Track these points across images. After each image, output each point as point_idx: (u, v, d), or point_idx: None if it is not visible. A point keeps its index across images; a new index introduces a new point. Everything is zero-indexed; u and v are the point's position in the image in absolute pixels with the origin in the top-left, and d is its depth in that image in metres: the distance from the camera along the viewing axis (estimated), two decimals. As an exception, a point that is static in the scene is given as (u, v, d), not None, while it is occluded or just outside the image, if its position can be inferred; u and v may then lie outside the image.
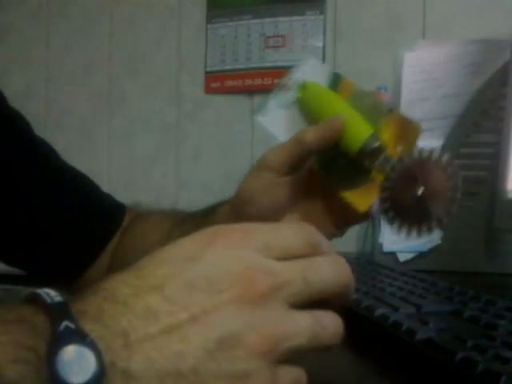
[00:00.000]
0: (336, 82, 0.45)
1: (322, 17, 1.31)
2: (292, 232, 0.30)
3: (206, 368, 0.25)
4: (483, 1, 1.17)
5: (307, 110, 0.47)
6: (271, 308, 0.27)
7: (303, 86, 0.47)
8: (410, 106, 0.95)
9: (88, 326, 0.24)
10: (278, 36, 1.35)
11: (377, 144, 0.42)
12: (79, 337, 0.23)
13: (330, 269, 0.29)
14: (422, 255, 0.88)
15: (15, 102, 0.66)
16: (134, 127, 1.46)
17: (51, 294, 0.25)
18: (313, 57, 0.46)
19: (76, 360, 0.22)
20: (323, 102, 0.46)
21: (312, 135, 0.45)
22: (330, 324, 0.28)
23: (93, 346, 0.23)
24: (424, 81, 0.94)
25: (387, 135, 0.43)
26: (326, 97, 0.46)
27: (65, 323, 0.23)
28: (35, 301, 0.25)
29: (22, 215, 0.62)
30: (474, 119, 0.90)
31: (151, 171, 1.44)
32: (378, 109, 0.44)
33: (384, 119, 0.43)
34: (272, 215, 0.47)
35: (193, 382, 0.25)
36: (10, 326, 0.23)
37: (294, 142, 0.46)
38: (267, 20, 1.35)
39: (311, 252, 0.29)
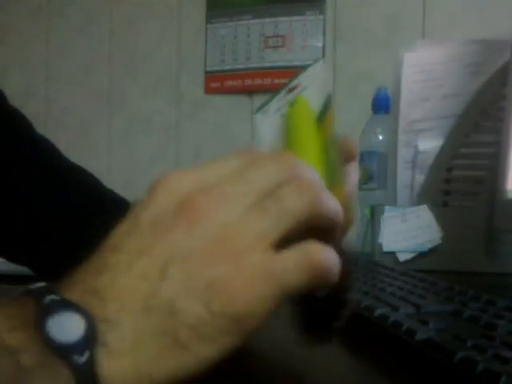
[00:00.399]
0: (327, 106, 0.42)
1: (321, 17, 1.31)
2: (271, 167, 0.28)
3: (167, 290, 0.25)
4: (483, 1, 1.17)
5: (286, 127, 0.42)
6: (218, 212, 0.27)
7: (294, 102, 0.44)
8: (410, 106, 0.95)
9: (72, 296, 0.25)
10: (277, 36, 1.35)
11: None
12: (64, 304, 0.24)
13: (293, 196, 0.27)
14: (421, 255, 0.88)
15: (15, 101, 0.66)
16: (134, 127, 1.46)
17: (37, 284, 0.26)
18: (322, 60, 0.42)
19: (65, 323, 0.23)
20: (301, 131, 0.41)
21: None
22: (289, 192, 0.28)
23: (79, 308, 0.24)
24: (424, 81, 0.94)
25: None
26: (306, 127, 0.41)
27: (49, 297, 0.24)
28: (22, 291, 0.26)
29: (24, 213, 0.62)
30: (474, 119, 0.90)
31: (151, 171, 1.44)
32: (337, 170, 0.39)
33: (338, 183, 0.37)
34: None
35: (164, 308, 0.25)
36: None
37: None
38: (267, 20, 1.35)
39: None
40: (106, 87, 1.48)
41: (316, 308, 0.32)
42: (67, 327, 0.23)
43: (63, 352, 0.23)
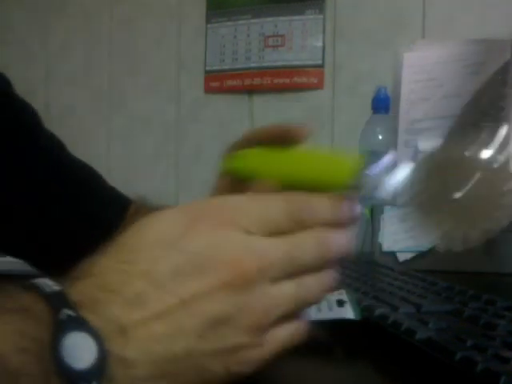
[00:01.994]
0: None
1: (321, 16, 1.31)
2: (277, 206, 0.30)
3: (198, 349, 0.26)
4: (483, 1, 1.17)
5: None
6: (257, 287, 0.28)
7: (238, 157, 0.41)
8: (410, 105, 0.95)
9: (85, 316, 0.24)
10: (277, 35, 1.35)
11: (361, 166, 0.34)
12: (80, 325, 0.23)
13: (313, 245, 0.30)
14: (421, 255, 0.88)
15: (15, 101, 0.66)
16: (134, 127, 1.46)
17: (48, 283, 0.25)
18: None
19: (78, 346, 0.23)
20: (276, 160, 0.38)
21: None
22: (313, 284, 0.30)
23: (94, 333, 0.24)
24: (424, 80, 0.94)
25: None
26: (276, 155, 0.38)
27: (66, 312, 0.24)
28: (32, 289, 0.25)
29: (25, 207, 0.62)
30: (474, 119, 0.90)
31: (151, 171, 1.44)
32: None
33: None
34: None
35: (187, 362, 0.26)
36: (12, 315, 0.24)
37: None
38: (267, 19, 1.35)
39: (297, 227, 0.30)
40: (106, 86, 1.49)
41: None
42: (79, 351, 0.23)
43: (71, 378, 0.23)
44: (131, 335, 0.25)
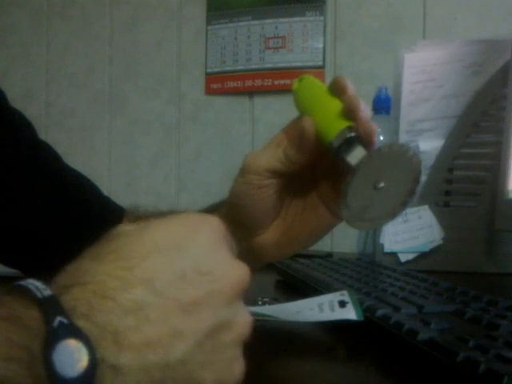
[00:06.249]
0: None
1: (321, 18, 1.31)
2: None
3: (193, 358, 0.26)
4: (483, 1, 1.17)
5: (298, 101, 0.47)
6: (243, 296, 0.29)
7: (300, 79, 0.47)
8: (411, 106, 0.95)
9: (79, 323, 0.24)
10: (278, 37, 1.35)
11: (352, 135, 0.41)
12: (73, 332, 0.23)
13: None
14: (423, 255, 0.88)
15: (16, 104, 0.66)
16: (135, 129, 1.46)
17: (40, 287, 0.25)
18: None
19: (70, 354, 0.23)
20: (313, 96, 0.46)
21: (286, 142, 0.45)
22: None
23: (86, 341, 0.23)
24: (424, 81, 0.94)
25: None
26: (317, 91, 0.46)
27: (58, 319, 0.23)
28: (23, 294, 0.25)
29: (19, 216, 0.62)
30: (475, 119, 0.90)
31: (152, 173, 1.44)
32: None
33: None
34: (262, 215, 0.47)
35: (178, 372, 0.25)
36: (2, 323, 0.23)
37: (273, 147, 0.46)
38: (267, 21, 1.35)
39: None
40: (107, 89, 1.49)
41: None
42: (70, 359, 0.23)
43: None
44: (126, 342, 0.24)
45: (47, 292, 0.24)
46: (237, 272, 0.28)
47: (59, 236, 0.63)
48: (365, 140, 0.41)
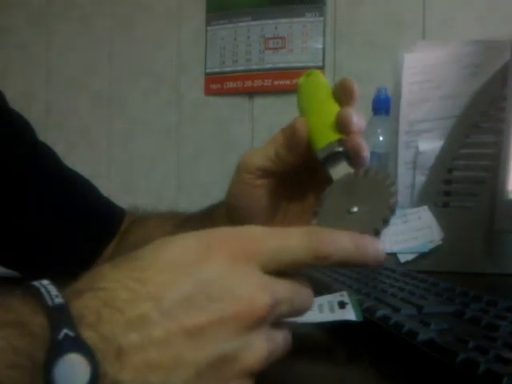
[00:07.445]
0: None
1: (321, 18, 1.31)
2: (299, 242, 0.29)
3: None
4: (483, 2, 1.17)
5: (300, 98, 0.47)
6: (262, 329, 0.27)
7: (308, 74, 0.47)
8: (410, 107, 0.95)
9: (85, 333, 0.24)
10: (277, 38, 1.35)
11: (340, 149, 0.41)
12: (77, 346, 0.23)
13: (305, 299, 0.30)
14: (422, 256, 0.88)
15: (16, 104, 0.66)
16: (134, 129, 1.46)
17: (52, 293, 0.24)
18: None
19: (72, 368, 0.23)
20: (314, 97, 0.46)
21: (281, 141, 0.45)
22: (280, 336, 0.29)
23: (90, 356, 0.23)
24: (424, 82, 0.94)
25: None
26: (320, 91, 0.46)
27: (64, 331, 0.23)
28: (35, 297, 0.25)
29: (20, 218, 0.62)
30: (474, 120, 0.90)
31: (151, 173, 1.44)
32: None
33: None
34: (258, 216, 0.47)
35: None
36: (8, 329, 0.23)
37: (269, 146, 0.46)
38: (267, 22, 1.35)
39: (317, 264, 0.29)
40: (107, 90, 1.49)
41: None
42: (72, 373, 0.23)
43: None
44: (128, 360, 0.24)
45: (58, 300, 0.24)
46: (253, 301, 0.26)
47: (59, 237, 0.63)
48: (352, 157, 0.41)
